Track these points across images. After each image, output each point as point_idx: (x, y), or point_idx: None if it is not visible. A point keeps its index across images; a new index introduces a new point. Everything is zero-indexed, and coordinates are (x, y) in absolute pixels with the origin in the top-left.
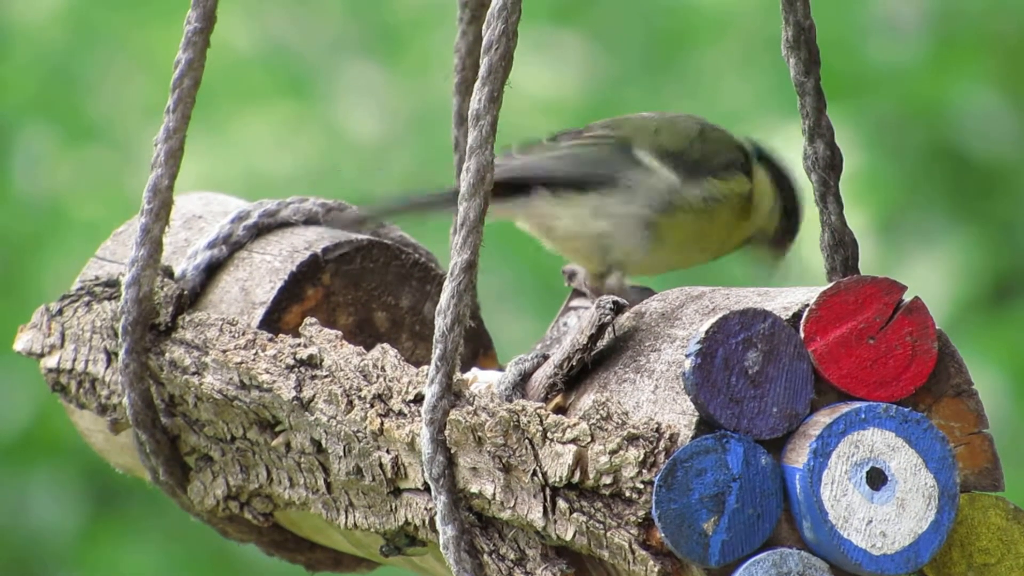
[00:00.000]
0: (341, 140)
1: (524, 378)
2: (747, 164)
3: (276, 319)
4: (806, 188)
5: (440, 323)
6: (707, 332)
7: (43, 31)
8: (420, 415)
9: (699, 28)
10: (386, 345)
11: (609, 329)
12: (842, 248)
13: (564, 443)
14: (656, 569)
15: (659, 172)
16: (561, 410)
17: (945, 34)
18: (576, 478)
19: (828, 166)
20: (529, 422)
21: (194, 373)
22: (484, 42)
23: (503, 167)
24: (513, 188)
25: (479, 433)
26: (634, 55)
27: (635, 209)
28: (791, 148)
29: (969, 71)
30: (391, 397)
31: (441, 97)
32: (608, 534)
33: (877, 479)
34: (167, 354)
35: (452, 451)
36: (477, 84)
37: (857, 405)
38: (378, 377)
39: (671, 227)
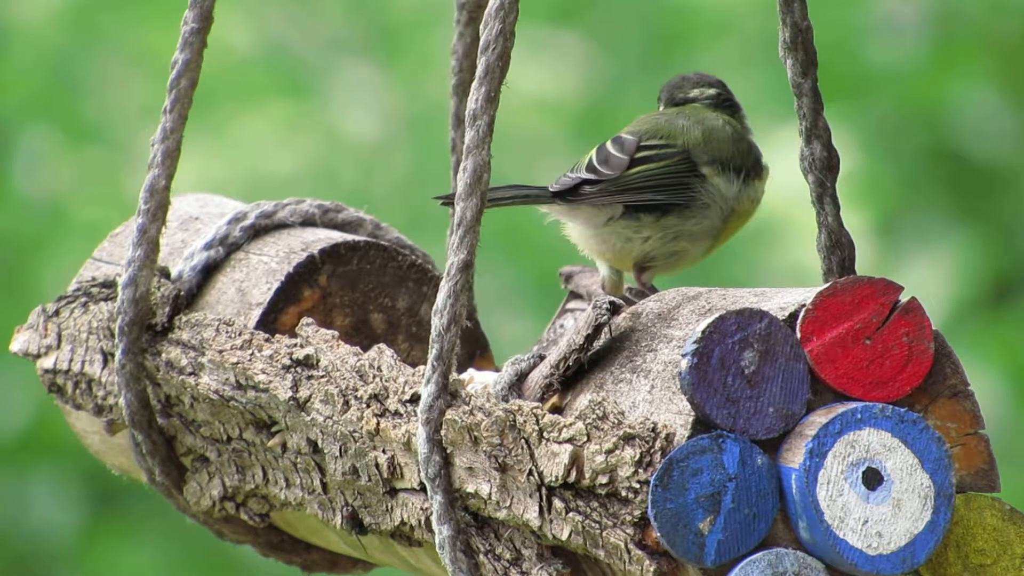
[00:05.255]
0: (340, 140)
1: (520, 378)
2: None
3: (273, 320)
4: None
5: (436, 323)
6: (703, 332)
7: (42, 31)
8: (416, 415)
9: (698, 28)
10: (382, 345)
11: (606, 329)
12: (839, 249)
13: (560, 443)
14: (652, 569)
15: (727, 185)
16: (557, 410)
17: (944, 35)
18: (572, 478)
19: (825, 167)
20: (525, 422)
21: (190, 373)
22: (481, 42)
23: (595, 187)
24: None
25: (475, 433)
26: (633, 55)
27: (708, 224)
28: (789, 149)
29: (968, 72)
30: (387, 397)
31: (439, 97)
32: (604, 534)
33: (873, 479)
34: (163, 354)
35: (448, 451)
36: (474, 84)
37: (853, 405)
38: (374, 377)
39: (725, 232)
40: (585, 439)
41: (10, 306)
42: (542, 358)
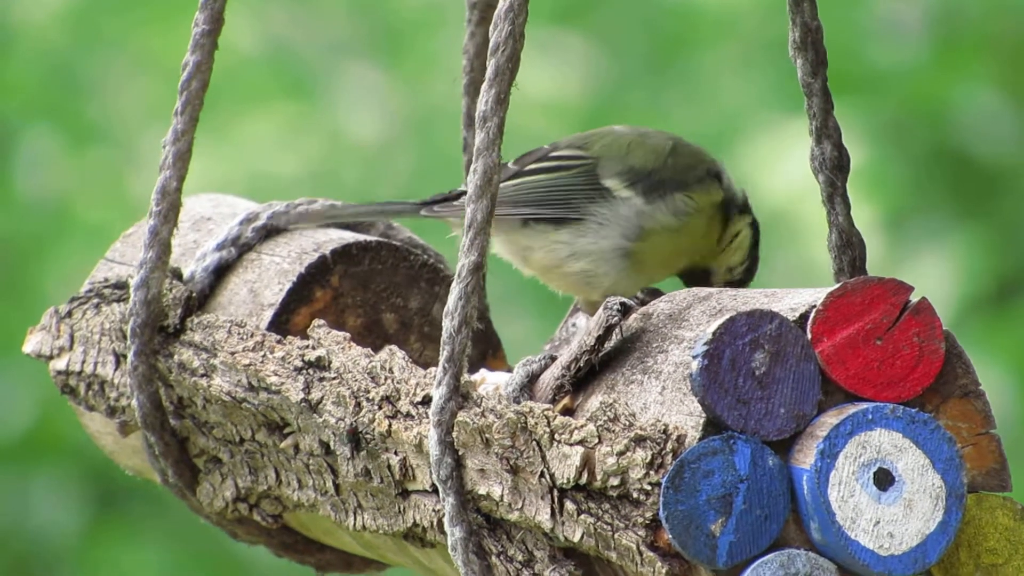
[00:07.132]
0: (343, 141)
1: (532, 379)
2: (719, 174)
3: (285, 321)
4: (814, 191)
5: (447, 325)
6: (714, 333)
7: (45, 32)
8: (428, 417)
9: (701, 30)
10: (394, 347)
11: (616, 330)
12: (850, 249)
13: (571, 444)
14: (664, 570)
15: (627, 200)
16: (569, 412)
17: (947, 35)
18: (584, 479)
19: (835, 167)
20: (536, 423)
21: (203, 375)
22: (491, 44)
23: (459, 200)
24: None
25: (487, 435)
26: (636, 57)
27: (610, 243)
28: (791, 148)
29: (971, 72)
30: (399, 399)
31: (443, 99)
32: (616, 535)
33: (884, 480)
34: (176, 356)
35: (460, 453)
36: (484, 86)
37: (864, 406)
38: (386, 379)
39: (648, 250)
40: (596, 441)
41: (13, 307)
42: (553, 359)
